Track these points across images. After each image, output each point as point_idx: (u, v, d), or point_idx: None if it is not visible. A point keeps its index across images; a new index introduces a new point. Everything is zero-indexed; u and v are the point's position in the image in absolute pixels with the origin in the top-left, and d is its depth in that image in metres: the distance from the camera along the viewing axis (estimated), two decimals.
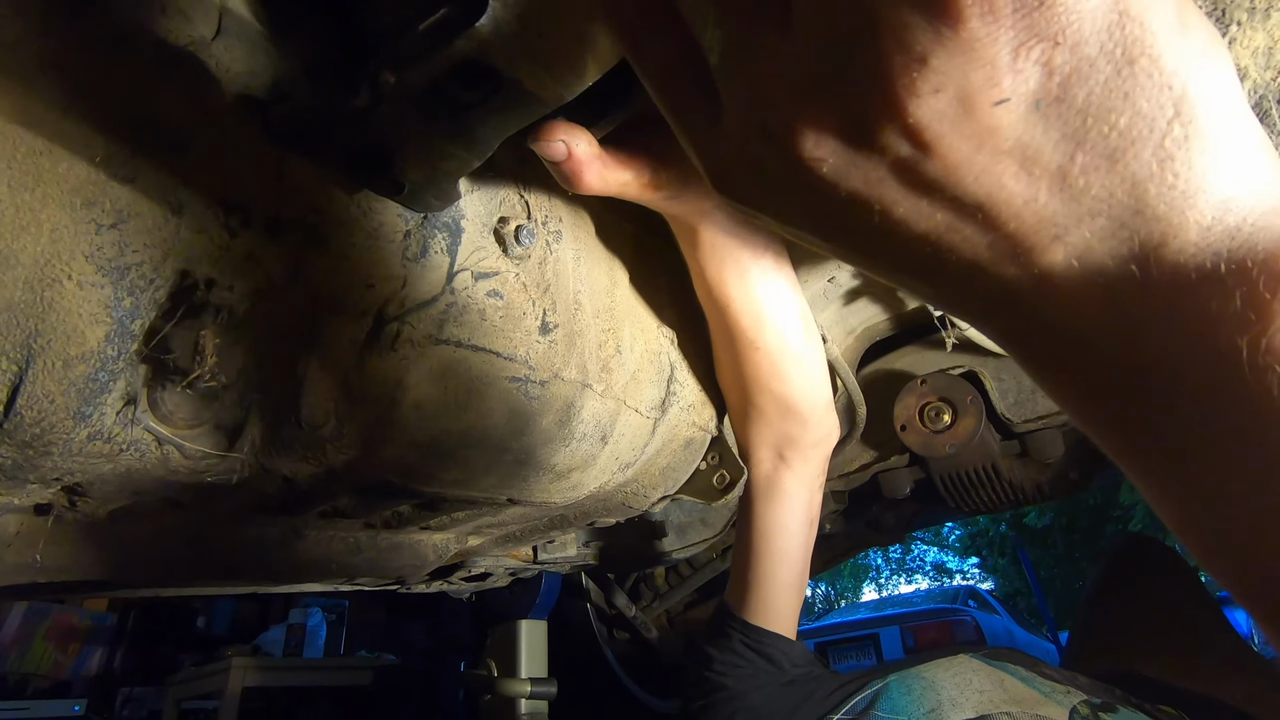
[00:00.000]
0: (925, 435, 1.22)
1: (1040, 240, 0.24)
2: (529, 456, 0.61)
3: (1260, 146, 0.23)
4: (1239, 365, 0.22)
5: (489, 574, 1.12)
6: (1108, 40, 0.21)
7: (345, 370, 0.48)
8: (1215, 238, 0.22)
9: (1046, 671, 0.87)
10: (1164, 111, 0.22)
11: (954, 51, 0.21)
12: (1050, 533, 10.24)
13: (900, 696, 0.83)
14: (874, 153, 0.24)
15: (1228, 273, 0.22)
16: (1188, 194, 0.22)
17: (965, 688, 0.83)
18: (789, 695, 0.84)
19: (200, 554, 0.67)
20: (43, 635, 3.80)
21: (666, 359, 0.78)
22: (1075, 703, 0.79)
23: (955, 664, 0.89)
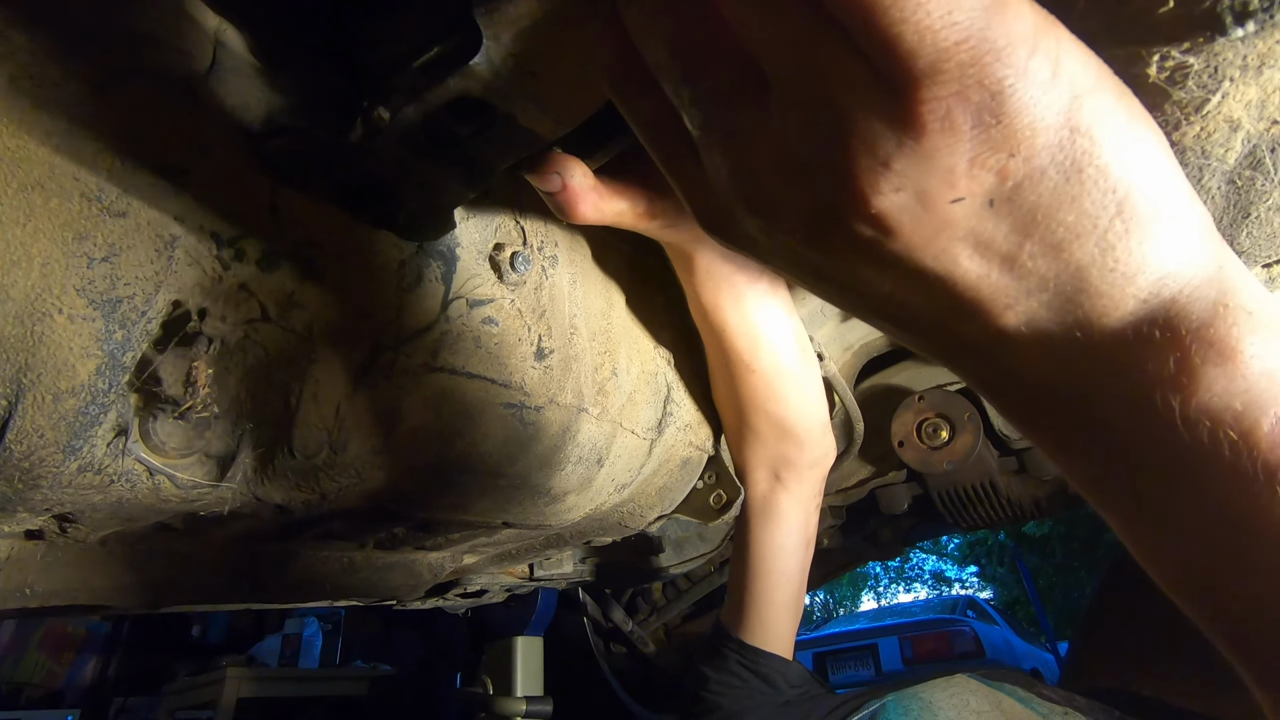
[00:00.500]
0: (923, 451, 1.21)
1: (994, 308, 0.27)
2: (524, 481, 0.61)
3: (1198, 227, 0.26)
4: (1173, 421, 0.25)
5: (485, 591, 1.11)
6: (1058, 153, 0.24)
7: (339, 399, 0.47)
8: (1153, 309, 0.25)
9: (1044, 692, 0.86)
10: (1106, 211, 0.24)
11: (915, 159, 0.24)
12: (1049, 542, 10.23)
13: (898, 717, 0.83)
14: (841, 232, 0.27)
15: (1163, 340, 0.25)
16: (1127, 275, 0.25)
17: (963, 709, 0.82)
18: (785, 716, 0.84)
19: (192, 577, 0.67)
20: (36, 644, 3.78)
21: (663, 379, 0.78)
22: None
23: (953, 684, 0.88)
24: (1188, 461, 0.25)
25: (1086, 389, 0.27)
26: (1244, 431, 0.24)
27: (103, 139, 0.36)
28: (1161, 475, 0.27)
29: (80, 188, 0.36)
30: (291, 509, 0.52)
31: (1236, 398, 0.24)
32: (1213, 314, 0.25)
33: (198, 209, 0.39)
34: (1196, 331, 0.25)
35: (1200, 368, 0.24)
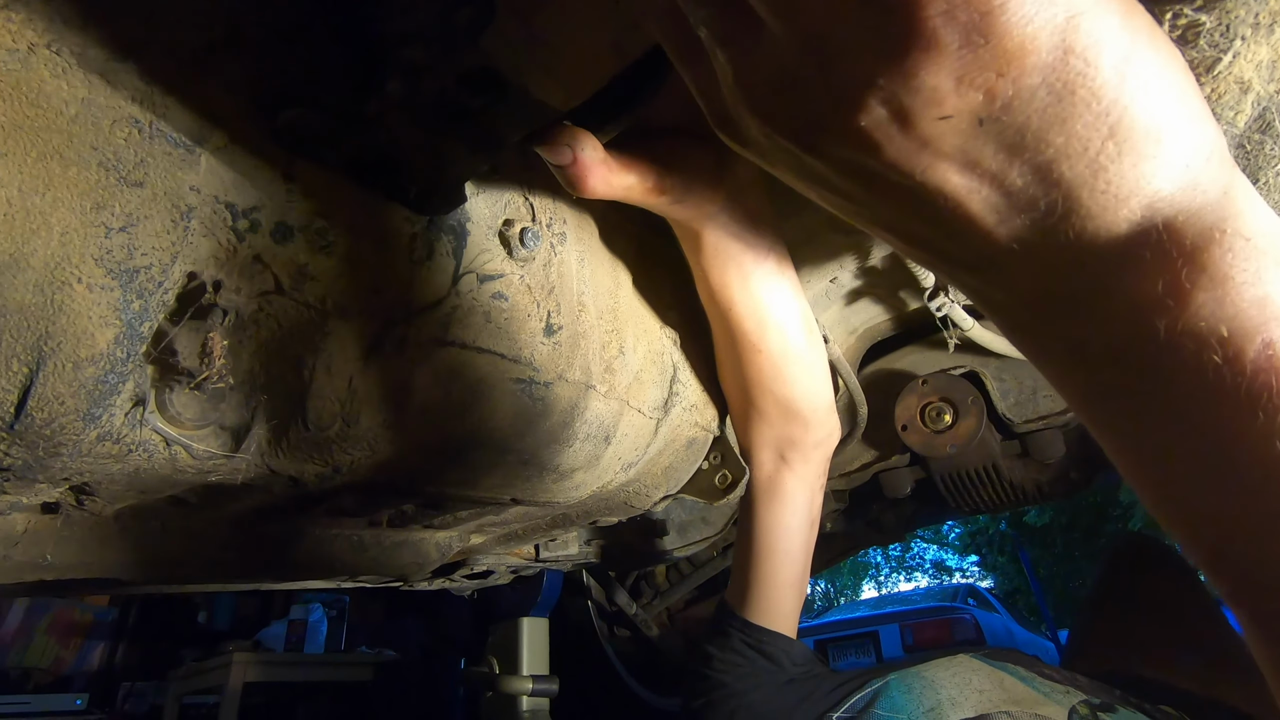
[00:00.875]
0: (926, 435, 1.22)
1: (984, 224, 0.28)
2: (532, 457, 0.61)
3: (1204, 150, 0.26)
4: (1159, 342, 0.25)
5: (491, 572, 1.12)
6: (1050, 74, 0.24)
7: (351, 373, 0.48)
8: (1145, 230, 0.25)
9: (1046, 671, 0.87)
10: (1098, 133, 0.25)
11: (900, 77, 0.25)
12: (1050, 531, 10.24)
13: (900, 695, 0.83)
14: (831, 146, 0.29)
15: (1153, 261, 0.25)
16: (1119, 196, 0.25)
17: (965, 687, 0.83)
18: (789, 694, 0.85)
19: (205, 552, 0.68)
20: (44, 630, 3.81)
21: (669, 359, 0.78)
22: (1074, 703, 0.80)
23: (955, 663, 0.89)
24: (1172, 383, 0.26)
25: (1076, 306, 0.28)
26: (1229, 356, 0.24)
27: (119, 108, 0.37)
28: (1146, 395, 0.27)
29: (98, 157, 0.37)
30: (304, 481, 0.52)
31: (1224, 322, 0.24)
32: (1208, 238, 0.25)
33: (213, 179, 0.40)
34: (1189, 254, 0.25)
35: (1189, 290, 0.24)
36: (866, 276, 1.06)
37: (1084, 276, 0.27)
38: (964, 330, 1.06)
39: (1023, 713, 0.77)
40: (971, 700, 0.81)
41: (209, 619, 4.48)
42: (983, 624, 5.48)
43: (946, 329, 1.07)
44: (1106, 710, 0.79)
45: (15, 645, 3.72)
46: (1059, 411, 1.19)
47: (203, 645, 3.92)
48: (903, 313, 1.15)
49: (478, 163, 0.44)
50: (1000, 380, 1.23)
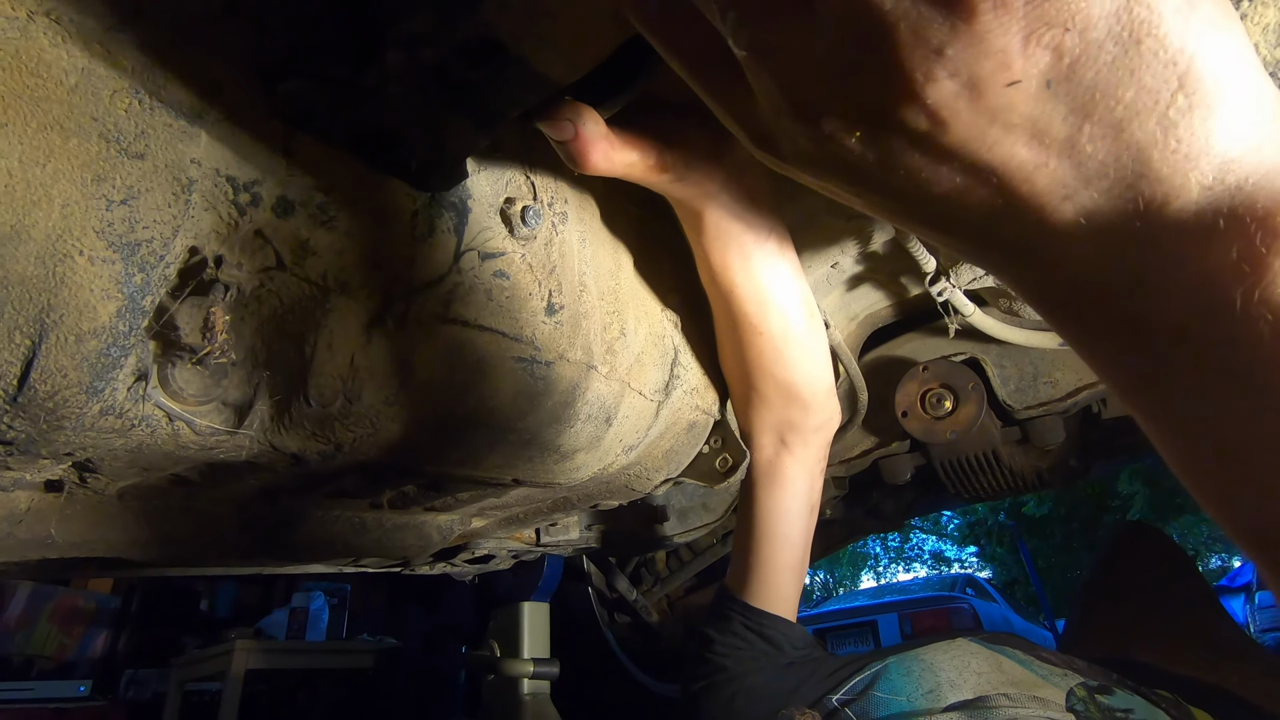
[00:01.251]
0: (926, 421, 1.22)
1: (1051, 200, 0.26)
2: (534, 437, 0.61)
3: (1269, 108, 0.24)
4: (1233, 312, 0.24)
5: (492, 556, 1.13)
6: (1115, 24, 0.23)
7: (353, 349, 0.48)
8: (1216, 196, 0.24)
9: (1044, 655, 0.88)
10: (1168, 85, 0.23)
11: (967, 42, 0.23)
12: (1049, 522, 10.28)
13: (899, 678, 0.84)
14: (894, 130, 0.27)
15: (1227, 228, 0.24)
16: (1190, 156, 0.24)
17: (964, 670, 0.83)
18: (789, 676, 0.85)
19: (208, 533, 0.68)
20: (47, 617, 3.83)
21: (670, 342, 0.78)
22: (1072, 685, 0.80)
23: (954, 647, 0.90)
24: (1245, 357, 0.24)
25: (1141, 281, 0.26)
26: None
27: (119, 79, 0.37)
28: (1219, 374, 0.25)
29: (99, 128, 0.36)
30: (307, 459, 0.52)
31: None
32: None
33: (214, 152, 0.40)
34: (1263, 220, 0.23)
35: (1265, 257, 0.23)
36: (867, 262, 1.06)
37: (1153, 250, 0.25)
38: (965, 316, 1.06)
39: (1021, 694, 0.78)
40: (970, 682, 0.81)
41: (211, 607, 4.50)
42: (981, 613, 5.51)
43: (947, 315, 1.07)
44: (1104, 693, 0.80)
45: (19, 632, 3.74)
46: (1059, 398, 1.19)
47: (205, 633, 3.94)
48: (903, 298, 1.15)
49: (479, 137, 0.43)
50: (1001, 366, 1.23)
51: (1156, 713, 0.78)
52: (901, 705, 0.79)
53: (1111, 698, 0.79)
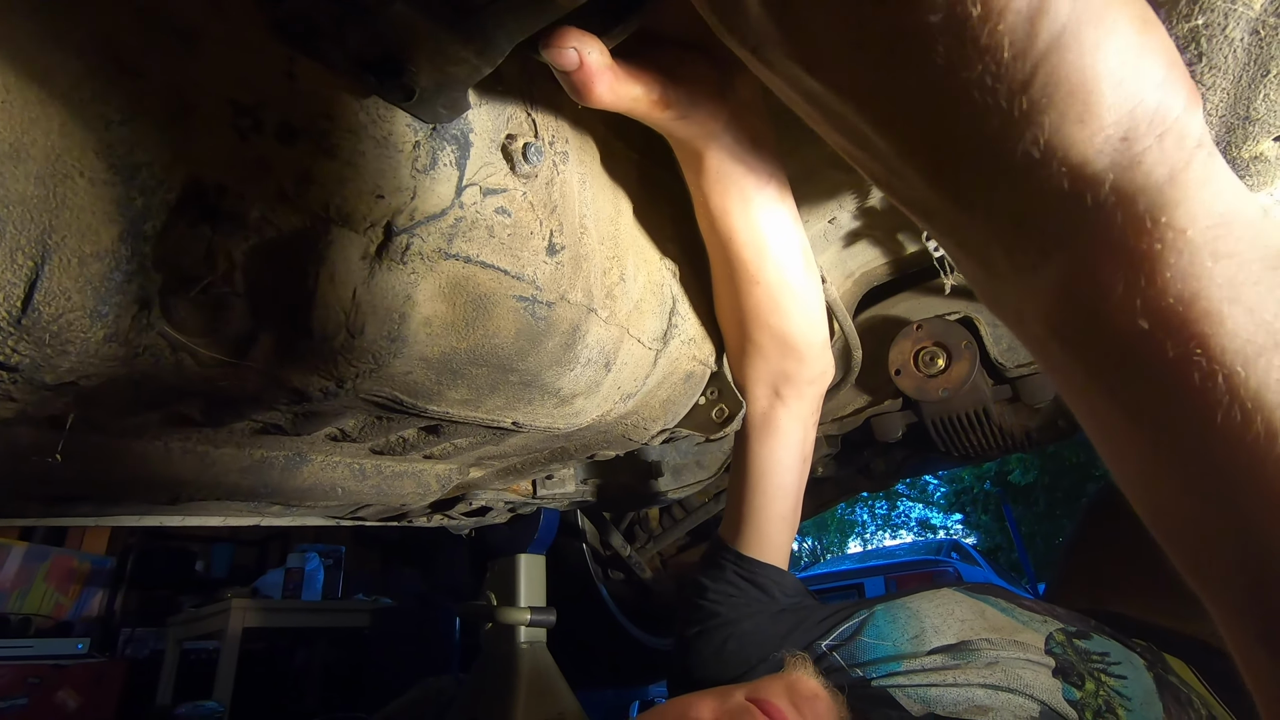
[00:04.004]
0: (919, 379, 1.23)
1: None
2: (534, 379, 0.62)
3: (1149, 124, 0.25)
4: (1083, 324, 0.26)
5: (489, 508, 1.14)
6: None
7: (355, 283, 0.48)
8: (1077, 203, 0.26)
9: (1025, 603, 0.90)
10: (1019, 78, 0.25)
11: None
12: (1033, 490, 10.46)
13: (885, 624, 0.86)
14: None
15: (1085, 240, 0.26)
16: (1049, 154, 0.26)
17: (948, 616, 0.86)
18: (780, 623, 0.87)
19: (209, 475, 0.68)
20: (42, 577, 3.86)
21: (669, 291, 0.78)
22: (1051, 630, 0.83)
23: (939, 596, 0.92)
24: (1101, 368, 0.27)
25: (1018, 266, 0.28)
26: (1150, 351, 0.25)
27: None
28: (1081, 375, 0.28)
29: (95, 43, 0.36)
30: (309, 395, 0.53)
31: (1144, 317, 0.24)
32: (1138, 227, 0.25)
33: (214, 73, 0.39)
34: (1116, 242, 0.25)
35: (1112, 281, 0.25)
36: (865, 217, 1.06)
37: (1027, 234, 0.27)
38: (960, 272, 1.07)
39: (1001, 639, 0.80)
40: (954, 628, 0.84)
41: (206, 568, 4.54)
42: (965, 577, 5.63)
43: (943, 270, 1.07)
44: (1082, 638, 0.83)
45: (14, 592, 3.77)
46: None
47: (200, 593, 3.99)
48: (900, 256, 1.15)
49: (482, 64, 0.43)
50: (994, 325, 1.24)
51: (1132, 657, 0.81)
52: (887, 649, 0.82)
53: (1089, 642, 0.82)
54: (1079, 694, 0.73)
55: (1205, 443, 0.24)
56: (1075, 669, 0.76)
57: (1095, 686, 0.75)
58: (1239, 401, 0.23)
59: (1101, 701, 0.73)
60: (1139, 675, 0.78)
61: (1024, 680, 0.73)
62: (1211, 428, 0.24)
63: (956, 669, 0.76)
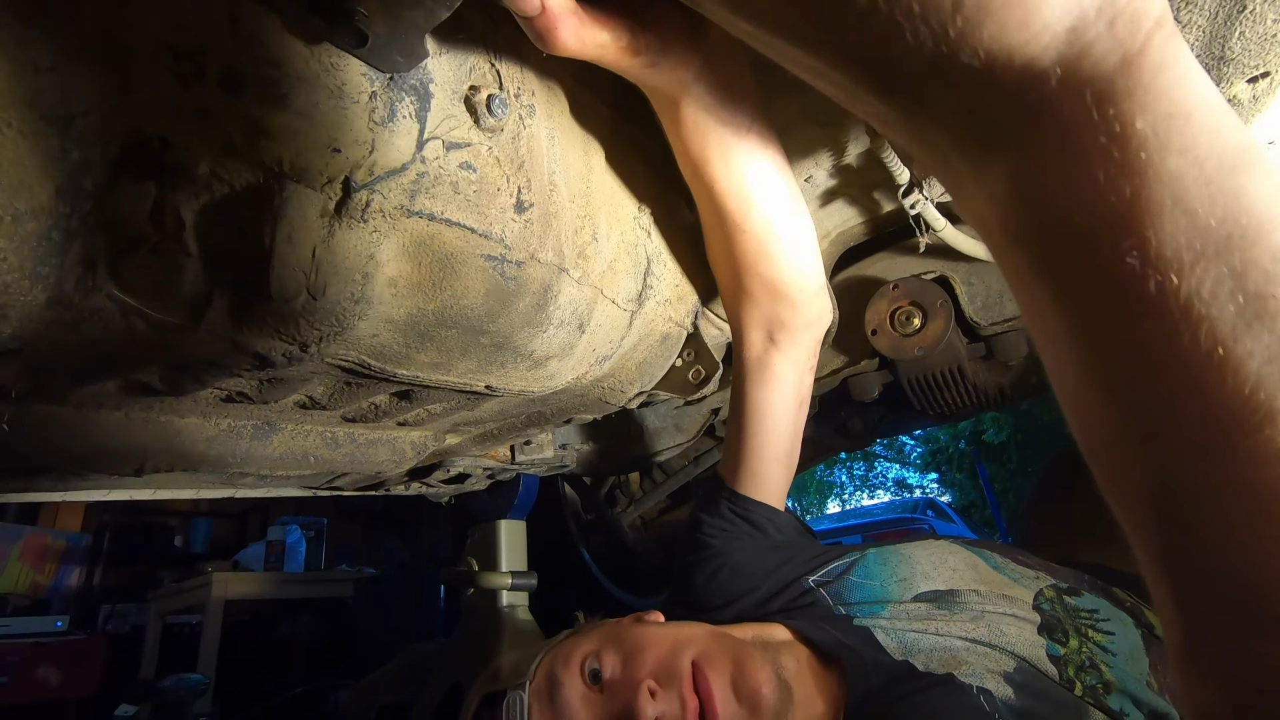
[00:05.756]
0: (895, 339, 1.24)
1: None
2: (506, 341, 0.61)
3: (1098, 10, 0.24)
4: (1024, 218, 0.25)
5: (467, 475, 1.13)
6: None
7: (314, 242, 0.46)
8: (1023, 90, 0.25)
9: (1020, 559, 0.91)
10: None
11: None
12: (1006, 448, 10.70)
13: (875, 565, 0.88)
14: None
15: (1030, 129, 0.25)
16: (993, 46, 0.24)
17: (939, 565, 0.87)
18: (771, 557, 0.89)
19: (175, 444, 0.67)
20: (16, 556, 3.81)
21: (643, 251, 0.77)
22: (1042, 586, 0.84)
23: (934, 544, 0.94)
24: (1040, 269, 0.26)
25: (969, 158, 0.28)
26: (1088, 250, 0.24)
27: None
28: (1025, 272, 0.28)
29: None
30: (272, 359, 0.51)
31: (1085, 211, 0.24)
32: (1083, 119, 0.24)
33: (149, 16, 0.36)
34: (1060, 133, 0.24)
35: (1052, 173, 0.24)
36: (841, 175, 1.05)
37: (976, 134, 0.26)
38: (936, 231, 1.06)
39: (990, 593, 0.82)
40: (944, 576, 0.85)
41: (185, 543, 4.51)
42: (940, 533, 5.77)
43: (919, 229, 1.07)
44: (1073, 595, 0.84)
45: None
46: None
47: (180, 568, 3.96)
48: (876, 215, 1.14)
49: (439, 8, 0.41)
50: (969, 284, 1.25)
51: (1121, 614, 0.82)
52: (874, 591, 0.83)
53: (1079, 599, 0.84)
54: (1062, 650, 0.75)
55: (1131, 352, 0.24)
56: (1061, 625, 0.78)
57: (1079, 643, 0.77)
58: (1168, 311, 0.22)
59: (1085, 658, 0.75)
60: (1126, 631, 0.79)
61: (1006, 636, 0.75)
62: (1138, 336, 0.23)
63: (940, 619, 0.78)
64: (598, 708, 0.70)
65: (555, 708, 0.70)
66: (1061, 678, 0.73)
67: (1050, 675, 0.73)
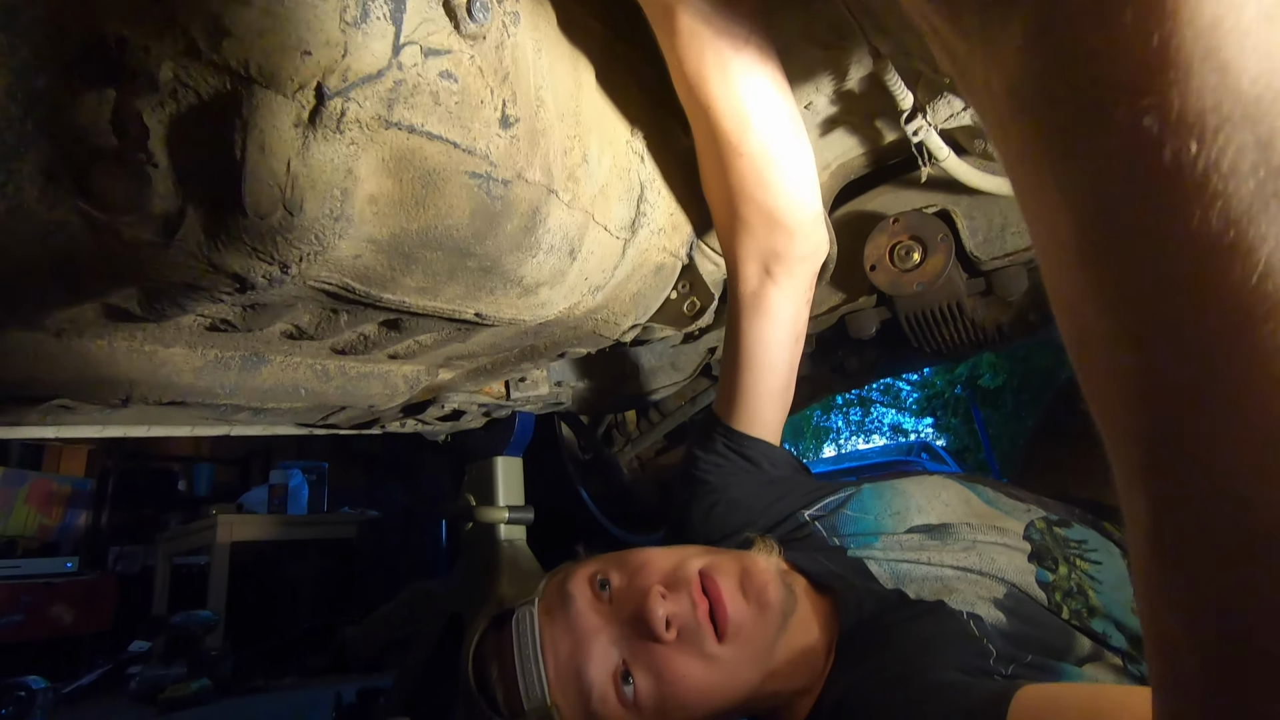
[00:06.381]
0: (894, 274, 1.22)
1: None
2: (494, 265, 0.59)
3: None
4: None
5: (462, 412, 1.13)
6: None
7: (289, 154, 0.44)
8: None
9: (1012, 493, 0.92)
10: None
11: None
12: (1002, 393, 10.79)
13: (871, 499, 0.89)
14: None
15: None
16: None
17: (933, 499, 0.88)
18: (766, 492, 0.90)
19: (161, 374, 0.66)
20: (23, 500, 3.86)
21: (636, 177, 0.75)
22: (1033, 518, 0.85)
23: (928, 480, 0.94)
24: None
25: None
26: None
27: None
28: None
29: None
30: (252, 281, 0.49)
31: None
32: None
33: None
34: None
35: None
36: (843, 102, 1.01)
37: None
38: (939, 160, 1.04)
39: (982, 524, 0.83)
40: (937, 510, 0.86)
41: (189, 487, 4.57)
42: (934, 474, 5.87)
43: (921, 158, 1.04)
44: (1063, 526, 0.85)
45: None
46: (1025, 247, 1.19)
47: (185, 511, 4.02)
48: (878, 145, 1.11)
49: None
50: (970, 218, 1.22)
51: (1109, 545, 0.83)
52: (868, 524, 0.84)
53: (1069, 530, 0.84)
54: (1051, 577, 0.76)
55: (1133, 232, 0.21)
56: (1050, 554, 0.79)
57: (1068, 570, 0.78)
58: (1180, 185, 0.20)
59: (1073, 584, 0.76)
60: (1113, 561, 0.80)
61: (997, 563, 0.76)
62: (1143, 215, 0.21)
63: (932, 549, 0.79)
64: (607, 615, 0.71)
65: (566, 617, 0.70)
66: (1050, 602, 0.74)
67: (1039, 600, 0.74)
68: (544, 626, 0.70)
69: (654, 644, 0.67)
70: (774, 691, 0.72)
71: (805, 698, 0.73)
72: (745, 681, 0.69)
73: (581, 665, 0.67)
